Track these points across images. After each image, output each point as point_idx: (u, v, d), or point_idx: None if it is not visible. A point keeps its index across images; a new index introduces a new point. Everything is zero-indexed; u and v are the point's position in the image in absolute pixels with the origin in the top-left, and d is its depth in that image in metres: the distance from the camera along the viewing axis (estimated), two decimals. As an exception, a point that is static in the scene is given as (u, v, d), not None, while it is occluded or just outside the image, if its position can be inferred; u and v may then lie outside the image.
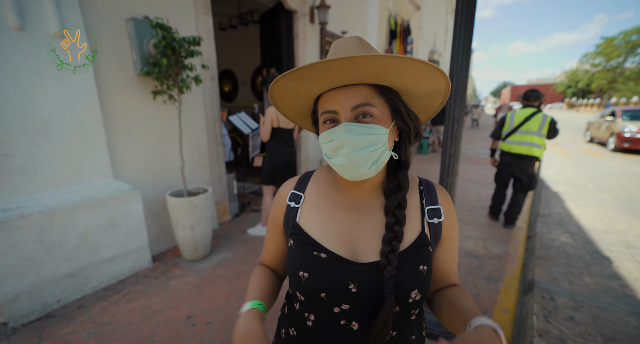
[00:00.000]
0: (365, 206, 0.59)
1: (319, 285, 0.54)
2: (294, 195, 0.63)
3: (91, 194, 1.96)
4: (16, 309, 1.66)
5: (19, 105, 1.66)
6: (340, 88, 0.51)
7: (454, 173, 1.61)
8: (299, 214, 0.61)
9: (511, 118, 2.93)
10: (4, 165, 1.64)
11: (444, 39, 13.34)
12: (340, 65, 0.45)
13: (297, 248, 0.58)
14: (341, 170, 0.53)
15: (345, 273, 0.53)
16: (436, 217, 0.59)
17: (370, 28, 6.14)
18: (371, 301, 0.53)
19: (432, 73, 0.50)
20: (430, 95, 0.57)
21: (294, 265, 0.57)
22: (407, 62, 0.47)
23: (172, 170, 2.59)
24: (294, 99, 0.57)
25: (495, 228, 3.10)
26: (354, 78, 0.49)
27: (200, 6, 2.68)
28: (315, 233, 0.58)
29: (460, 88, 1.50)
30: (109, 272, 2.08)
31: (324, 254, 0.55)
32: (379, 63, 0.46)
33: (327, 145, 0.53)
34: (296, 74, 0.48)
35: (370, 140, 0.50)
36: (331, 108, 0.52)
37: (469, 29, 1.41)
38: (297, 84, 0.51)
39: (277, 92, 0.55)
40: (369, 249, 0.56)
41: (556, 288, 1.98)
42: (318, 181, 0.64)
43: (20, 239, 1.64)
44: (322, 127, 0.55)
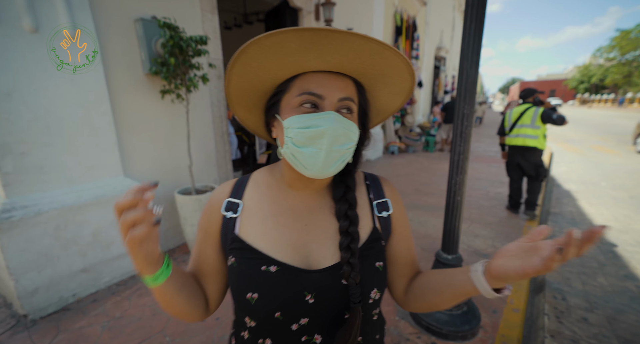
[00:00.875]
0: (312, 208, 0.55)
1: (272, 304, 0.48)
2: (231, 203, 0.54)
3: (102, 192, 2.00)
4: (35, 303, 1.72)
5: (34, 105, 1.70)
6: (331, 74, 0.47)
7: (464, 171, 1.59)
8: (239, 225, 0.53)
9: (509, 116, 3.28)
10: (21, 163, 1.68)
11: (451, 35, 13.13)
12: (367, 47, 0.41)
13: (241, 266, 0.50)
14: (310, 163, 0.46)
15: (299, 285, 0.49)
16: (385, 210, 0.58)
17: (376, 24, 6.08)
18: (332, 309, 0.50)
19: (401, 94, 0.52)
20: (378, 113, 0.58)
21: (239, 287, 0.49)
22: (406, 74, 0.47)
23: (180, 168, 2.62)
24: (268, 64, 0.45)
25: (504, 227, 3.05)
26: (357, 68, 0.46)
27: (207, 5, 2.69)
28: (260, 244, 0.51)
29: (470, 84, 1.48)
30: (120, 268, 2.13)
31: (274, 266, 0.49)
32: (394, 65, 0.45)
33: (301, 131, 0.45)
34: (315, 34, 0.40)
35: (349, 136, 0.47)
36: (318, 92, 0.46)
37: (479, 24, 1.39)
38: (297, 48, 0.42)
39: (261, 46, 0.42)
40: (322, 253, 0.52)
41: (568, 288, 1.94)
42: (257, 184, 0.57)
43: (38, 235, 1.69)
44: (296, 110, 0.47)
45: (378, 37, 6.15)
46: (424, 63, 9.62)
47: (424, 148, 7.93)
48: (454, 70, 14.72)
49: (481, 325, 1.70)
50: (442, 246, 1.73)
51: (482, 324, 1.71)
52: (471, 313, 1.71)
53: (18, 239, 1.62)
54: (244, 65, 0.45)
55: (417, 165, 6.01)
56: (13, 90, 1.61)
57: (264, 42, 0.41)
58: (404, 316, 1.77)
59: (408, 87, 0.51)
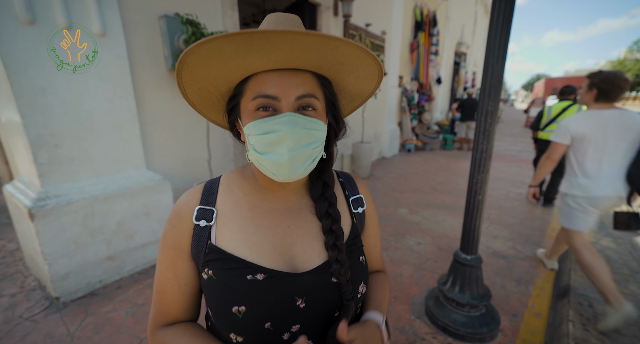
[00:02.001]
0: (292, 208, 0.53)
1: (261, 315, 0.44)
2: (203, 211, 0.49)
3: (127, 184, 2.09)
4: (65, 286, 1.83)
5: (67, 100, 1.79)
6: (283, 71, 0.43)
7: (486, 170, 1.55)
8: (215, 234, 0.49)
9: (549, 111, 3.29)
10: (55, 155, 1.78)
11: (473, 29, 12.67)
12: (312, 42, 0.37)
13: (222, 278, 0.46)
14: (276, 169, 0.44)
15: (289, 290, 0.46)
16: (360, 206, 0.59)
17: (395, 20, 5.95)
18: (322, 311, 0.49)
19: (373, 77, 0.49)
20: (353, 98, 0.56)
21: (222, 301, 0.45)
22: (368, 59, 0.44)
23: (199, 162, 2.69)
24: (215, 71, 0.43)
25: (525, 229, 2.94)
26: (309, 62, 0.42)
27: (227, 1, 2.73)
28: (242, 251, 0.47)
29: (495, 80, 1.42)
30: (142, 257, 2.22)
31: (261, 274, 0.46)
32: (348, 53, 0.41)
33: (261, 137, 0.43)
34: (249, 37, 0.36)
35: (313, 135, 0.44)
36: (271, 93, 0.43)
37: (507, 16, 1.33)
38: (236, 51, 0.39)
39: (199, 56, 0.39)
40: (308, 254, 0.50)
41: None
42: (230, 188, 0.53)
43: (68, 223, 1.79)
44: (252, 115, 0.44)
45: (397, 32, 6.07)
46: (444, 59, 9.34)
47: (441, 146, 7.74)
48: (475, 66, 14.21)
49: (500, 328, 1.65)
50: (461, 246, 1.69)
51: (502, 327, 1.66)
52: (490, 315, 1.66)
53: (51, 226, 1.72)
54: (190, 74, 0.43)
55: (434, 164, 5.88)
56: (48, 85, 1.70)
57: (198, 51, 0.38)
58: (420, 315, 1.75)
59: (375, 70, 0.47)
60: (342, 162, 4.89)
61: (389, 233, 2.83)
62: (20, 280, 2.07)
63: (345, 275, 0.49)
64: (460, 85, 11.83)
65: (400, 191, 4.17)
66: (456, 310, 1.65)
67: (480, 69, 15.30)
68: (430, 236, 2.79)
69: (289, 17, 0.47)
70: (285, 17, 0.47)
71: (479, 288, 1.66)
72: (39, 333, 1.60)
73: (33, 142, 1.69)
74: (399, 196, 3.92)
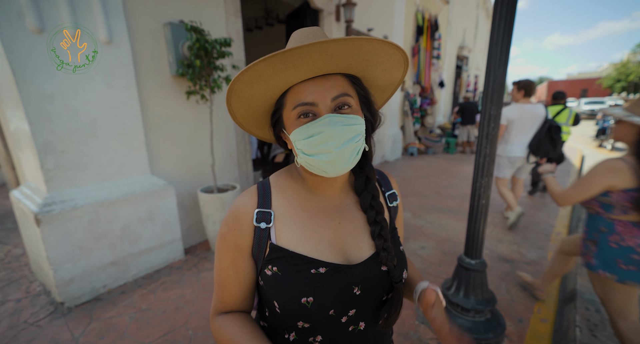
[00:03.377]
0: (341, 206, 0.58)
1: (326, 303, 0.51)
2: (262, 213, 0.53)
3: (131, 189, 2.11)
4: (70, 291, 1.84)
5: (73, 106, 1.82)
6: (317, 79, 0.48)
7: (489, 174, 1.54)
8: (274, 234, 0.53)
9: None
10: (61, 160, 1.80)
11: (474, 33, 12.70)
12: (337, 48, 0.42)
13: (288, 273, 0.51)
14: (326, 166, 0.48)
15: (347, 280, 0.52)
16: (394, 201, 0.64)
17: (397, 24, 6.00)
18: (375, 296, 0.55)
19: (400, 66, 0.52)
20: (383, 89, 0.59)
21: (291, 293, 0.50)
22: (391, 50, 0.47)
23: (203, 167, 2.71)
24: (258, 92, 0.49)
25: (530, 232, 2.92)
26: (337, 66, 0.47)
27: (231, 8, 2.77)
28: (303, 248, 0.52)
29: (497, 84, 1.43)
30: (146, 262, 2.22)
31: (323, 268, 0.51)
32: (372, 49, 0.46)
33: (307, 141, 0.48)
34: (283, 56, 0.42)
35: (354, 130, 0.48)
36: (308, 100, 0.47)
37: (509, 22, 1.34)
38: (274, 71, 0.44)
39: (244, 82, 0.46)
40: (358, 247, 0.56)
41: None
42: (282, 191, 0.57)
43: (73, 228, 1.80)
44: (295, 123, 0.49)
45: (399, 37, 6.11)
46: (446, 63, 9.37)
47: (444, 149, 7.72)
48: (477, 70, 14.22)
49: (506, 334, 1.63)
50: (465, 250, 1.68)
51: (507, 333, 1.64)
52: (495, 320, 1.64)
53: (57, 231, 1.74)
54: (237, 100, 0.50)
55: (437, 167, 5.86)
56: (56, 92, 1.73)
57: (242, 77, 0.45)
58: (424, 321, 1.73)
59: (400, 58, 0.50)
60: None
61: (392, 237, 2.82)
62: (25, 285, 2.08)
63: (393, 261, 0.55)
64: (462, 89, 11.83)
65: (404, 195, 4.15)
66: (461, 315, 1.63)
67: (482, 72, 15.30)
68: (433, 240, 2.78)
69: (312, 31, 0.51)
70: (308, 31, 0.51)
71: (484, 293, 1.64)
72: (44, 338, 1.60)
73: (40, 148, 1.71)
74: (402, 200, 3.90)
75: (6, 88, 1.74)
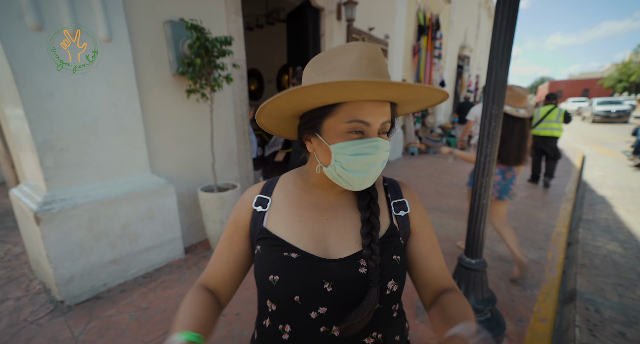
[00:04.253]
0: (335, 205, 0.60)
1: (291, 286, 0.52)
2: (261, 199, 0.61)
3: (132, 187, 2.10)
4: (70, 290, 1.84)
5: (73, 104, 1.81)
6: (376, 102, 0.50)
7: (490, 173, 1.54)
8: (266, 218, 0.59)
9: (537, 113, 4.24)
10: (61, 159, 1.80)
11: (476, 32, 12.67)
12: (403, 88, 0.45)
13: (265, 252, 0.55)
14: (357, 183, 0.52)
15: (318, 272, 0.52)
16: (402, 210, 0.61)
17: (398, 24, 5.98)
18: (349, 301, 0.52)
19: (434, 105, 0.57)
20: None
21: (262, 271, 0.54)
22: (440, 97, 0.51)
23: (203, 166, 2.71)
24: (325, 96, 0.48)
25: (530, 232, 2.91)
26: (394, 98, 0.50)
27: (231, 6, 2.76)
28: (284, 234, 0.56)
29: (499, 84, 1.42)
30: (146, 261, 2.22)
31: (295, 253, 0.54)
32: (431, 97, 0.51)
33: (353, 157, 0.50)
34: (385, 84, 0.43)
35: (387, 156, 0.53)
36: (366, 119, 0.49)
37: (511, 21, 1.33)
38: (360, 89, 0.44)
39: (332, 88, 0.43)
40: (341, 245, 0.56)
41: (602, 300, 1.82)
42: (286, 184, 0.63)
43: (73, 227, 1.80)
44: (343, 136, 0.50)
45: (400, 37, 6.09)
46: (447, 62, 9.34)
47: (444, 149, 7.71)
48: (478, 70, 14.19)
49: (506, 334, 1.63)
50: (465, 250, 1.68)
51: (507, 332, 1.64)
52: (495, 320, 1.64)
53: (57, 230, 1.74)
54: (298, 94, 0.46)
55: (438, 167, 5.86)
56: (56, 90, 1.73)
57: (333, 86, 0.42)
58: (424, 320, 1.73)
59: (436, 104, 0.55)
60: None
61: (392, 237, 2.81)
62: (25, 284, 2.08)
63: (375, 260, 0.52)
64: (463, 89, 11.81)
65: (404, 194, 4.15)
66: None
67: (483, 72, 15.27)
68: (434, 240, 2.77)
69: (374, 52, 0.49)
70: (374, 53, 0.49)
71: (484, 293, 1.64)
72: (44, 336, 1.60)
73: (39, 146, 1.71)
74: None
75: (5, 86, 1.74)
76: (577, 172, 5.41)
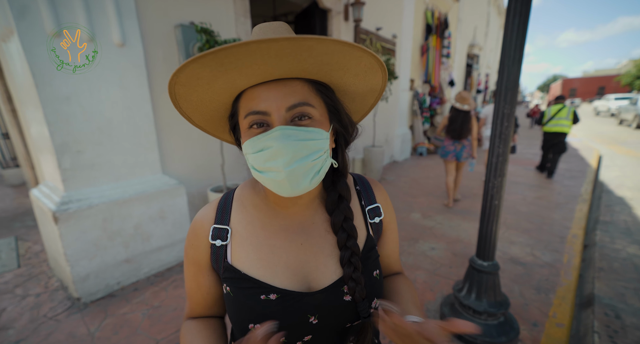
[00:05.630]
0: (306, 224, 0.52)
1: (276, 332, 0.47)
2: (218, 230, 0.50)
3: (144, 188, 2.15)
4: (86, 287, 1.89)
5: (88, 107, 1.87)
6: (270, 83, 0.41)
7: (502, 174, 1.51)
8: (230, 253, 0.50)
9: (549, 111, 4.80)
10: (77, 160, 1.86)
11: (485, 31, 12.46)
12: (280, 48, 0.35)
13: (238, 296, 0.48)
14: (277, 187, 0.43)
15: (302, 309, 0.47)
16: (377, 216, 0.56)
17: (406, 23, 5.93)
18: (335, 326, 0.50)
19: (375, 70, 0.44)
20: (364, 97, 0.51)
21: (239, 317, 0.48)
22: (356, 52, 0.39)
23: (213, 167, 2.74)
24: (204, 96, 0.43)
25: (544, 234, 2.84)
26: (290, 69, 0.39)
27: (240, 9, 2.79)
28: (256, 272, 0.48)
29: (511, 82, 1.39)
30: (158, 260, 2.27)
31: (274, 294, 0.47)
32: (328, 50, 0.37)
33: (256, 155, 0.42)
34: (216, 57, 0.35)
35: (311, 146, 0.42)
36: (260, 109, 0.41)
37: (523, 18, 1.31)
38: (212, 73, 0.38)
39: (183, 85, 0.39)
40: (321, 272, 0.50)
41: (623, 305, 1.76)
42: (243, 205, 0.53)
43: (89, 226, 1.85)
44: (247, 133, 0.43)
45: (408, 36, 6.05)
46: (456, 61, 9.22)
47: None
48: (488, 68, 13.94)
49: (520, 338, 1.59)
50: (477, 252, 1.65)
51: (521, 337, 1.60)
52: (509, 324, 1.61)
53: (73, 229, 1.79)
54: (186, 102, 0.43)
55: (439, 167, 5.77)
56: (72, 94, 1.79)
57: (179, 79, 0.38)
58: (434, 323, 1.71)
59: (371, 62, 0.42)
60: (353, 166, 4.87)
61: (401, 238, 2.79)
62: (44, 281, 2.15)
63: (361, 294, 0.48)
64: (472, 88, 11.62)
65: (413, 195, 4.11)
66: (473, 318, 1.60)
67: (493, 71, 14.99)
68: (444, 241, 2.74)
69: (272, 26, 0.45)
70: (268, 27, 0.45)
71: (497, 296, 1.61)
72: (62, 332, 1.65)
73: (57, 148, 1.77)
74: (411, 201, 3.87)
75: (27, 90, 1.80)
76: (592, 172, 5.24)
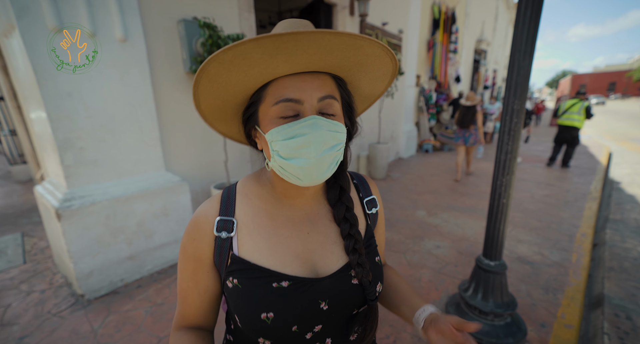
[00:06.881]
0: (311, 215, 0.54)
1: (289, 319, 0.47)
2: (223, 222, 0.50)
3: (147, 185, 2.14)
4: (90, 284, 1.90)
5: (91, 104, 1.86)
6: (304, 75, 0.43)
7: (511, 172, 1.47)
8: (237, 244, 0.50)
9: (563, 105, 5.18)
10: (80, 157, 1.85)
11: (493, 26, 12.21)
12: (340, 42, 0.38)
13: (248, 287, 0.47)
14: (302, 173, 0.44)
15: (313, 294, 0.48)
16: (374, 207, 0.60)
17: (412, 18, 5.83)
18: (344, 311, 0.51)
19: (386, 76, 0.50)
20: (363, 100, 0.57)
21: (250, 308, 0.47)
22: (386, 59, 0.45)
23: (216, 163, 2.73)
24: (236, 78, 0.42)
25: (552, 233, 2.78)
26: (331, 63, 0.43)
27: (244, 4, 2.75)
28: (266, 261, 0.49)
29: (521, 77, 1.35)
30: (161, 257, 2.27)
31: (286, 282, 0.48)
32: (371, 53, 0.43)
33: (287, 142, 0.43)
34: (278, 40, 0.36)
35: (336, 138, 0.44)
36: (294, 97, 0.42)
37: (536, 10, 1.25)
38: (261, 56, 0.38)
39: (223, 62, 0.39)
40: (328, 259, 0.52)
41: (634, 306, 1.71)
42: (248, 197, 0.53)
43: (92, 223, 1.86)
44: (274, 121, 0.44)
45: (414, 31, 5.95)
46: (463, 57, 9.06)
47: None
48: (496, 64, 13.70)
49: (527, 339, 1.56)
50: (483, 251, 1.61)
51: (529, 338, 1.57)
52: (516, 325, 1.57)
53: (76, 226, 1.79)
54: (209, 82, 0.43)
55: (453, 164, 5.70)
56: (74, 90, 1.78)
57: (222, 57, 0.38)
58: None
59: (390, 70, 0.49)
60: (358, 163, 4.83)
61: (406, 236, 2.75)
62: (49, 277, 2.17)
63: (367, 277, 0.51)
64: (480, 84, 11.44)
65: (418, 192, 4.06)
66: (479, 318, 1.57)
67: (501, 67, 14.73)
68: (449, 239, 2.70)
69: (302, 23, 0.46)
70: (299, 23, 0.46)
71: (504, 296, 1.57)
72: (66, 328, 1.66)
73: (60, 144, 1.76)
74: (416, 198, 3.82)
75: (29, 86, 1.80)
76: (602, 170, 5.13)
